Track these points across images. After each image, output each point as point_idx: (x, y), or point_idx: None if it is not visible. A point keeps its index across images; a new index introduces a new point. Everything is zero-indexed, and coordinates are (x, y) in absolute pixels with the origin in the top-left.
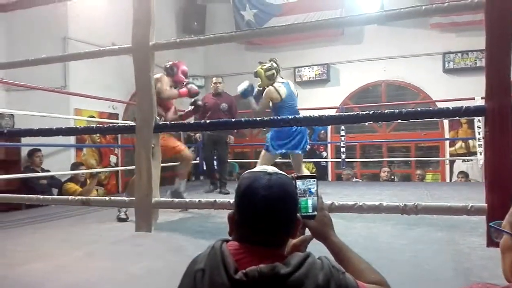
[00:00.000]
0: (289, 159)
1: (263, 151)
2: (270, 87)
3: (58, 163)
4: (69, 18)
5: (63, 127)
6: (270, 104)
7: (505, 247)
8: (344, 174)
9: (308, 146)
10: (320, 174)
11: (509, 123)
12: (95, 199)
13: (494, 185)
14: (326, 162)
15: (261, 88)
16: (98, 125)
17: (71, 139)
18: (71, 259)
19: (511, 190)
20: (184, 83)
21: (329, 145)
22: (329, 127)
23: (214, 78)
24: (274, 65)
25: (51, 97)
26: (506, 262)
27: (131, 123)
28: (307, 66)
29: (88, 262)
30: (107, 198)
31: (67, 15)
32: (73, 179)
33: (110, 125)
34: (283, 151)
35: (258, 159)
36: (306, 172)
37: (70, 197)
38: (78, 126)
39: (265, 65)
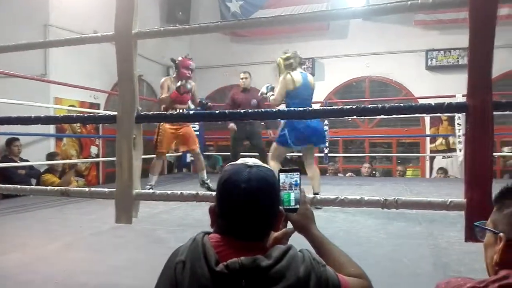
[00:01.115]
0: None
1: (275, 144)
2: (287, 74)
3: (37, 153)
4: (51, 4)
5: (42, 115)
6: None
7: (488, 244)
8: (330, 169)
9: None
10: (303, 168)
11: (489, 121)
12: (74, 190)
13: (473, 181)
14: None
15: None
16: (78, 115)
17: (51, 129)
18: (50, 250)
19: (490, 186)
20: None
21: None
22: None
23: (241, 73)
24: (296, 55)
25: (30, 85)
26: (488, 257)
27: (112, 113)
28: None
29: (67, 253)
30: (87, 189)
31: (49, 2)
32: (50, 169)
33: (91, 114)
34: (305, 145)
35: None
36: (316, 168)
37: (49, 188)
38: (57, 115)
39: (285, 54)
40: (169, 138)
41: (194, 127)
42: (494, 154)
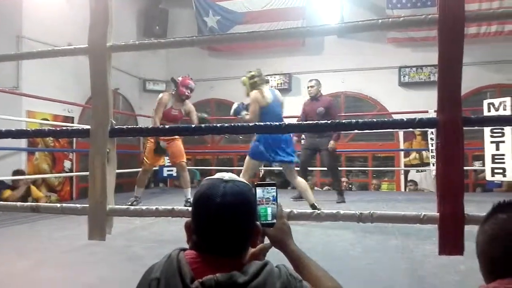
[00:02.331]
0: (272, 166)
1: (248, 158)
2: (255, 91)
3: (7, 168)
4: (24, 15)
5: (14, 129)
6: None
7: None
8: (308, 183)
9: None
10: (280, 182)
11: (459, 136)
12: (45, 205)
13: (445, 195)
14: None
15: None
16: (51, 128)
17: (23, 143)
18: (19, 268)
19: (461, 200)
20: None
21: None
22: (292, 136)
23: (308, 82)
24: (259, 74)
25: (1, 98)
26: None
27: (85, 126)
28: (269, 75)
29: (37, 271)
30: (58, 205)
31: (22, 13)
32: (12, 187)
33: (64, 128)
34: (277, 159)
35: (219, 166)
36: (300, 181)
37: (18, 204)
38: (29, 129)
39: (249, 73)
40: (152, 152)
41: None
42: (466, 168)
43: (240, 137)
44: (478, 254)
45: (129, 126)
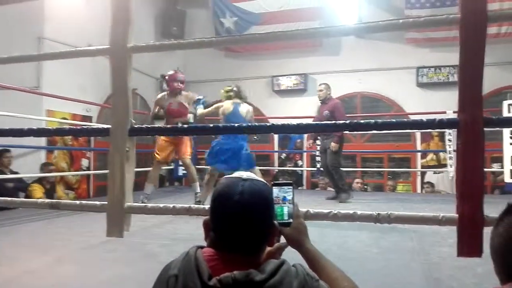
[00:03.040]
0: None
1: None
2: (221, 103)
3: (27, 165)
4: (45, 17)
5: (36, 128)
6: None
7: None
8: (321, 184)
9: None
10: (295, 182)
11: (480, 136)
12: (65, 202)
13: (465, 196)
14: (302, 170)
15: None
16: (71, 127)
17: (42, 141)
18: (38, 264)
19: (481, 201)
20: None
21: (304, 154)
22: (305, 136)
23: (318, 86)
24: (235, 89)
25: (23, 97)
26: None
27: (104, 125)
28: (285, 75)
29: (55, 267)
30: (77, 202)
31: (43, 14)
32: (40, 180)
33: (84, 127)
34: (216, 166)
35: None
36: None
37: (38, 200)
38: (51, 127)
39: (227, 88)
40: (163, 147)
41: None
42: (485, 170)
43: (255, 137)
44: (494, 257)
45: (148, 125)
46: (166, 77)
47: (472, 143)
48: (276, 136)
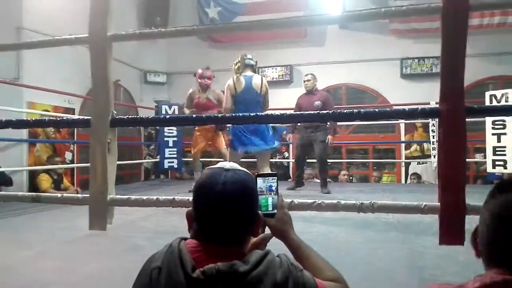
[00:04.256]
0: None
1: (229, 148)
2: (230, 79)
3: (8, 159)
4: (24, 7)
5: (13, 119)
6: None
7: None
8: (306, 174)
9: (277, 144)
10: (282, 174)
11: (462, 125)
12: (45, 195)
13: (447, 185)
14: (288, 162)
15: None
16: (51, 118)
17: (24, 134)
18: (20, 259)
19: (463, 190)
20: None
21: (291, 145)
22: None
23: (304, 76)
24: (241, 58)
25: (2, 89)
26: None
27: (86, 117)
28: (270, 66)
29: (38, 262)
30: (58, 195)
31: (22, 4)
32: (49, 171)
33: (64, 118)
34: (244, 149)
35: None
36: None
37: (20, 193)
38: (29, 119)
39: (236, 59)
40: (196, 141)
41: (172, 132)
42: (468, 160)
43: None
44: (481, 239)
45: (130, 116)
46: (195, 75)
47: (453, 132)
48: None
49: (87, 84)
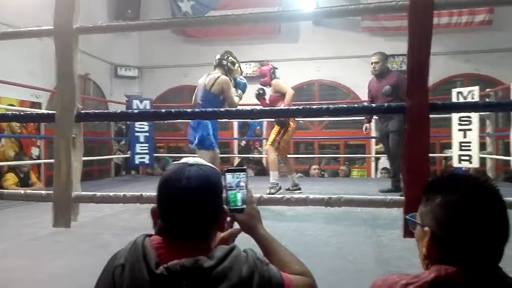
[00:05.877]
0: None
1: (209, 151)
2: (226, 78)
3: None
4: None
5: None
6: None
7: (418, 237)
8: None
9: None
10: (259, 170)
11: (426, 121)
12: (8, 192)
13: (411, 178)
14: (261, 157)
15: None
16: (14, 112)
17: None
18: None
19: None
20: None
21: (264, 141)
22: (264, 124)
23: (371, 57)
24: (235, 59)
25: None
26: (420, 251)
27: (50, 111)
28: (244, 62)
29: (2, 260)
30: (22, 191)
31: None
32: (15, 169)
33: (28, 112)
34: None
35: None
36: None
37: None
38: None
39: None
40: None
41: (143, 127)
42: (435, 155)
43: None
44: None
45: (96, 111)
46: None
47: (418, 127)
48: (235, 123)
49: (55, 78)
